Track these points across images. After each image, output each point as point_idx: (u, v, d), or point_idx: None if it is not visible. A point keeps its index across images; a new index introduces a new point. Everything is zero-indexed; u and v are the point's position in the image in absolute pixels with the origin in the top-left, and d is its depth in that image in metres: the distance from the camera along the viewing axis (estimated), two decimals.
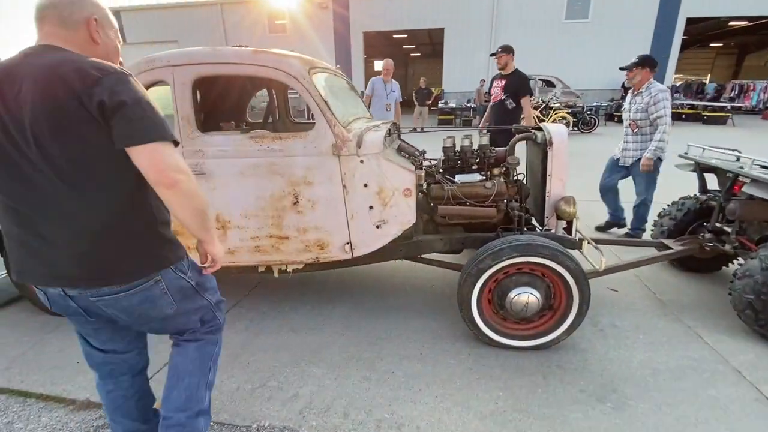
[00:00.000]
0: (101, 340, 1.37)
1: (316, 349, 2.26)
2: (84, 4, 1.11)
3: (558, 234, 2.41)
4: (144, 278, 1.17)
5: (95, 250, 1.11)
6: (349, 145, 2.20)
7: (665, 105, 3.34)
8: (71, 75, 0.99)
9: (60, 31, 1.09)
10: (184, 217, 1.14)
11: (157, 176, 1.06)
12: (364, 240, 2.39)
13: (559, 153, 2.40)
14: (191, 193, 1.12)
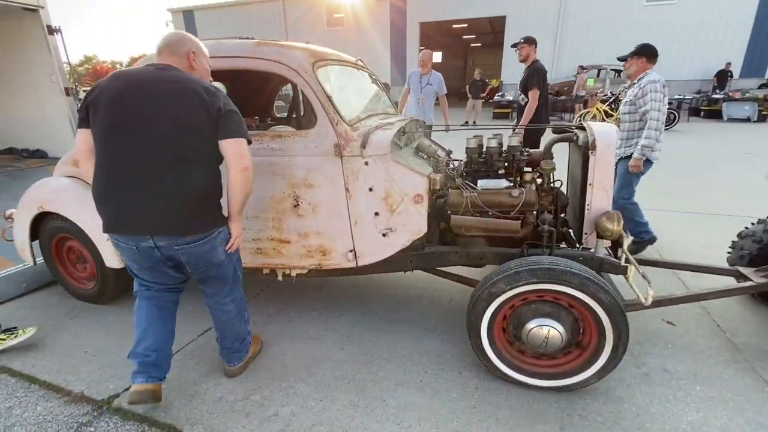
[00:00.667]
0: (152, 276, 1.76)
1: (309, 363, 2.12)
2: (185, 42, 1.66)
3: (598, 255, 2.02)
4: (212, 231, 1.64)
5: (187, 210, 1.55)
6: (352, 145, 2.00)
7: (654, 98, 2.98)
8: (200, 90, 1.53)
9: (172, 57, 1.62)
10: (237, 196, 1.63)
11: (236, 160, 1.56)
12: (370, 248, 2.19)
13: (603, 158, 2.00)
14: (250, 180, 1.63)
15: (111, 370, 2.09)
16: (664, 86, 3.05)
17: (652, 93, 3.00)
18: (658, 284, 2.77)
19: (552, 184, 2.29)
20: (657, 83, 3.01)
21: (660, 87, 3.03)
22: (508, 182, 2.26)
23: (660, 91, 3.03)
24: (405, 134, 2.30)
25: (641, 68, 3.19)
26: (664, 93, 3.05)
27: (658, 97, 2.99)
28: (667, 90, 3.13)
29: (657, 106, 3.00)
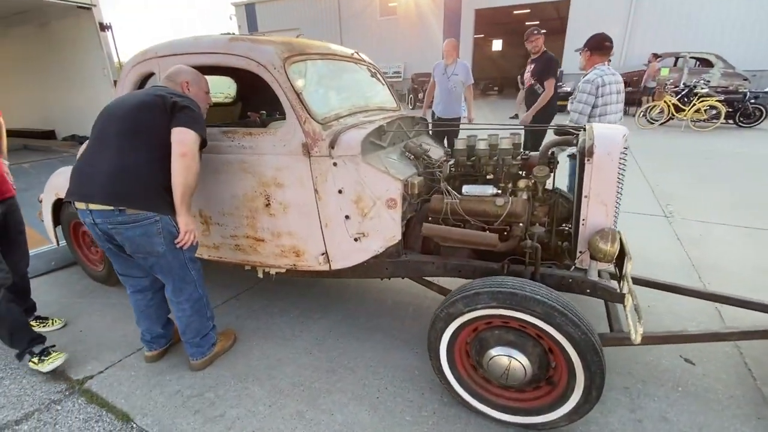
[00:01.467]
0: (121, 266, 1.94)
1: (273, 364, 2.09)
2: (181, 73, 1.90)
3: (589, 278, 1.75)
4: (146, 215, 1.67)
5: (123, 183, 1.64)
6: (320, 144, 1.91)
7: (581, 99, 2.83)
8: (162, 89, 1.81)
9: (171, 84, 1.88)
10: (176, 183, 1.65)
11: (176, 146, 1.64)
12: (341, 253, 2.10)
13: (602, 167, 1.71)
14: (189, 168, 1.66)
15: (95, 351, 2.22)
16: (600, 86, 2.79)
17: (579, 93, 2.86)
18: (687, 312, 2.38)
19: (548, 193, 2.03)
20: (589, 84, 2.82)
21: (591, 88, 2.80)
22: (496, 189, 2.03)
23: (588, 92, 2.82)
24: (386, 133, 2.14)
25: (589, 62, 2.97)
26: (597, 93, 2.81)
27: (582, 98, 2.83)
28: (615, 87, 2.85)
29: (579, 107, 2.86)
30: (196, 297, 1.93)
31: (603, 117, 2.92)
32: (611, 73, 2.87)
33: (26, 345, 2.02)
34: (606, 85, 2.81)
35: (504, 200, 1.93)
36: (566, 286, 1.81)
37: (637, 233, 3.60)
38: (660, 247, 3.32)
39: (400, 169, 2.10)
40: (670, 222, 3.86)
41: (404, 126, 2.42)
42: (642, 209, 4.23)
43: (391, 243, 2.01)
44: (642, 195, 4.71)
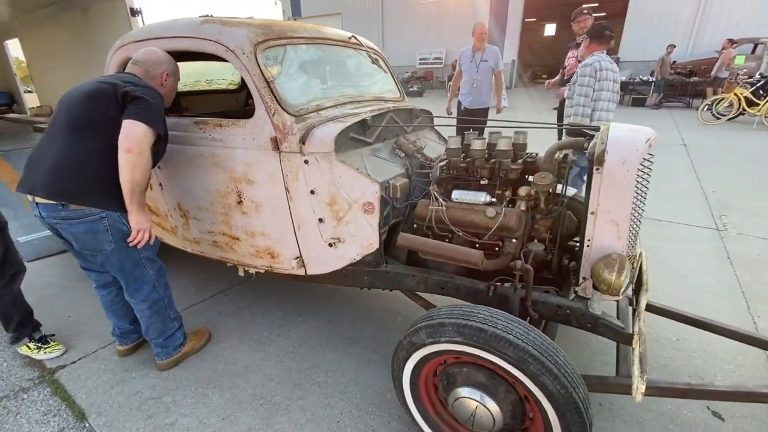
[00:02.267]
0: (81, 261, 1.89)
1: (239, 371, 1.97)
2: (162, 65, 1.78)
3: (592, 312, 1.46)
4: (90, 211, 1.58)
5: (66, 174, 1.54)
6: (290, 139, 1.72)
7: (582, 83, 2.76)
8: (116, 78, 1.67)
9: (143, 74, 1.75)
10: (123, 180, 1.53)
11: (122, 140, 1.51)
12: (316, 258, 1.93)
13: (614, 178, 1.39)
14: (135, 164, 1.52)
15: (76, 339, 2.22)
16: (598, 70, 2.73)
17: (579, 78, 2.78)
18: (725, 351, 2.00)
19: (556, 204, 1.72)
20: (587, 67, 2.74)
21: (590, 71, 2.75)
22: (489, 197, 1.75)
23: (588, 75, 2.74)
24: (371, 128, 1.92)
25: (588, 50, 2.90)
26: (597, 77, 2.74)
27: (583, 82, 2.76)
28: (611, 74, 2.77)
29: (581, 91, 2.77)
30: (155, 298, 1.84)
31: (596, 102, 2.80)
32: (609, 61, 2.81)
33: (30, 330, 2.08)
34: (603, 70, 2.74)
35: (495, 211, 1.66)
36: (563, 317, 1.53)
37: (678, 248, 3.13)
38: (704, 267, 2.86)
39: (383, 169, 1.88)
40: (722, 237, 3.33)
41: (399, 119, 2.18)
42: (690, 219, 3.69)
43: (369, 251, 1.81)
44: (692, 202, 4.13)
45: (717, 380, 1.88)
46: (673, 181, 4.83)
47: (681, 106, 11.39)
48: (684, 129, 8.15)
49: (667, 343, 2.12)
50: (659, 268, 2.86)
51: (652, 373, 1.93)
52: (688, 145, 6.67)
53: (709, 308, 2.39)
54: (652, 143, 1.45)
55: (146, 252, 1.77)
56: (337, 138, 1.70)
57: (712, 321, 1.80)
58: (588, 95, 2.76)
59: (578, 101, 2.81)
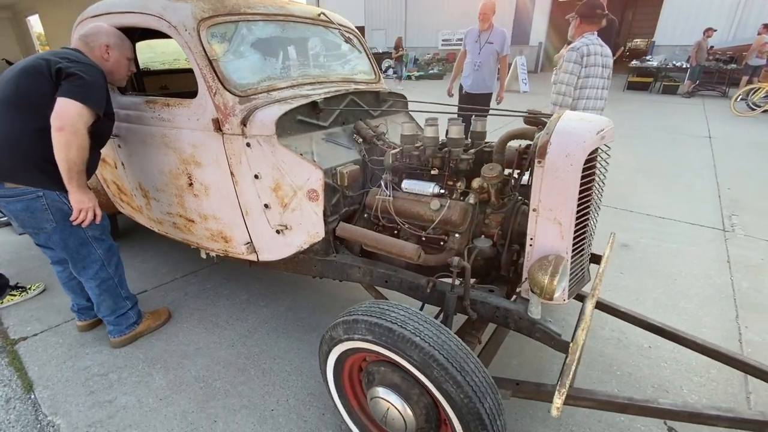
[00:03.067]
0: (34, 239, 1.85)
1: (189, 353, 1.98)
2: (100, 36, 1.71)
3: (530, 316, 1.36)
4: (26, 189, 1.58)
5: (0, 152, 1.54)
6: (231, 121, 1.66)
7: (566, 69, 2.55)
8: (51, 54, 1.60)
9: (84, 47, 1.69)
10: (58, 160, 1.51)
11: (54, 119, 1.47)
12: (265, 244, 1.89)
13: (556, 172, 1.27)
14: (68, 144, 1.49)
15: (44, 311, 2.29)
16: (585, 55, 2.51)
17: (564, 63, 2.56)
18: (699, 364, 1.86)
19: (509, 198, 1.60)
20: (574, 52, 2.52)
21: (576, 56, 2.51)
22: (439, 188, 1.65)
23: (574, 61, 2.52)
24: (324, 110, 1.83)
25: (578, 31, 2.66)
26: (583, 63, 2.51)
27: (567, 68, 2.54)
28: (600, 59, 2.54)
29: (564, 79, 2.56)
30: (104, 277, 1.85)
31: (582, 90, 2.59)
32: (599, 44, 2.56)
33: (6, 288, 2.32)
34: (591, 55, 2.51)
35: (440, 203, 1.56)
36: (501, 319, 1.43)
37: (674, 248, 2.93)
38: (698, 270, 2.66)
39: (335, 155, 1.80)
40: (727, 238, 3.09)
41: (363, 102, 2.07)
42: (695, 217, 3.45)
43: (316, 240, 1.75)
44: (703, 199, 3.86)
45: (683, 393, 1.75)
46: (687, 176, 4.52)
47: (716, 95, 10.64)
48: (713, 120, 7.60)
49: (636, 350, 1.99)
50: (647, 268, 2.68)
51: (614, 381, 1.82)
52: (713, 138, 6.22)
53: (692, 315, 2.23)
54: (606, 135, 1.31)
55: (93, 231, 1.77)
56: (281, 120, 1.62)
57: (677, 331, 1.66)
58: (571, 84, 2.56)
59: (560, 89, 2.62)
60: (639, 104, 9.50)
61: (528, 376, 1.84)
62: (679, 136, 6.31)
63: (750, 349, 1.99)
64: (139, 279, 2.62)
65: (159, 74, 3.29)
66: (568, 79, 2.53)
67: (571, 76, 2.52)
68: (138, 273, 2.69)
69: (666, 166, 4.78)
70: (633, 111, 8.60)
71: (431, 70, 16.71)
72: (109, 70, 1.73)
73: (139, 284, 2.56)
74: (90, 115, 1.55)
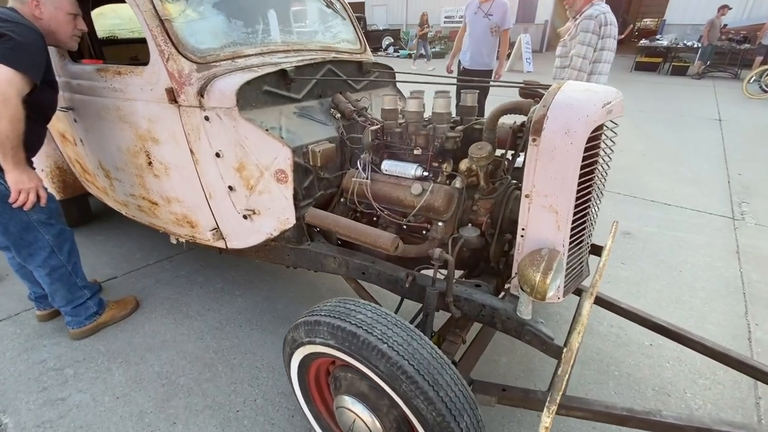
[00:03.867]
0: None
1: (154, 345, 1.84)
2: None
3: (520, 316, 1.19)
4: None
5: None
6: (187, 91, 1.46)
7: (582, 40, 2.35)
8: None
9: (18, 4, 1.49)
10: None
11: None
12: (233, 230, 1.72)
13: (553, 152, 1.08)
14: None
15: (4, 299, 2.14)
16: (603, 25, 2.32)
17: (582, 34, 2.35)
18: (705, 364, 1.71)
19: (500, 181, 1.42)
20: (591, 21, 2.32)
21: (593, 26, 2.32)
22: (422, 169, 1.47)
23: (591, 31, 2.33)
24: (294, 81, 1.62)
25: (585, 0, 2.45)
26: (600, 34, 2.33)
27: (586, 39, 2.35)
28: (614, 30, 2.37)
29: (582, 51, 2.37)
30: (54, 265, 1.69)
31: (595, 64, 2.41)
32: (610, 12, 2.38)
33: None
34: (608, 25, 2.33)
35: (422, 187, 1.38)
36: (487, 318, 1.27)
37: (680, 237, 2.76)
38: (705, 261, 2.50)
39: (309, 131, 1.61)
40: (737, 227, 2.91)
41: (343, 73, 1.87)
42: (703, 205, 3.26)
43: (286, 226, 1.58)
44: (712, 186, 3.66)
45: (686, 397, 1.61)
46: (695, 160, 4.30)
47: (727, 77, 10.25)
48: (724, 102, 7.30)
49: (636, 348, 1.84)
50: (651, 259, 2.51)
51: (611, 382, 1.67)
52: (723, 121, 5.96)
53: (697, 311, 2.07)
54: (614, 108, 1.11)
55: (38, 215, 1.59)
56: (243, 90, 1.43)
57: (683, 331, 1.51)
58: (588, 57, 2.34)
59: (576, 63, 2.39)
60: (647, 85, 9.15)
61: (517, 376, 1.70)
62: (687, 118, 6.05)
63: (759, 348, 1.84)
64: (109, 264, 2.46)
65: (129, 43, 3.06)
66: (585, 51, 2.31)
67: (589, 48, 2.30)
68: (110, 258, 2.54)
69: (673, 149, 4.56)
70: (640, 92, 8.28)
71: (433, 49, 16.18)
72: (48, 30, 1.51)
73: (108, 270, 2.41)
74: (23, 83, 1.35)
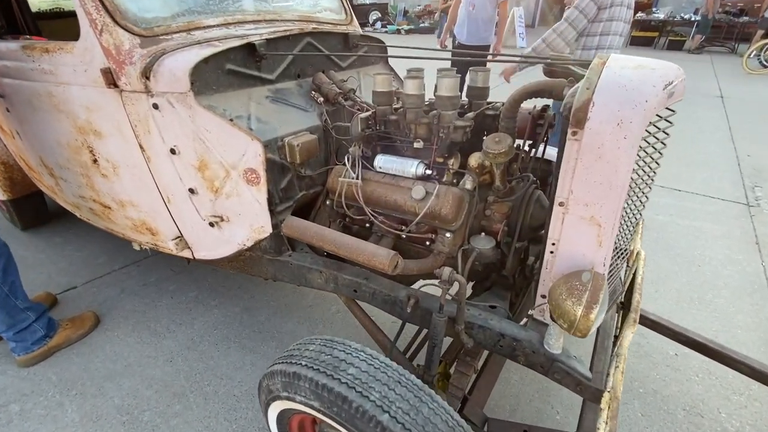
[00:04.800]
0: None
1: (114, 372, 1.59)
2: None
3: (548, 350, 0.97)
4: None
5: None
6: (128, 72, 1.17)
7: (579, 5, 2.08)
8: None
9: None
10: None
11: None
12: (199, 240, 1.46)
13: (600, 149, 0.83)
14: None
15: None
16: None
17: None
18: (738, 379, 1.53)
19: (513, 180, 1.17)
20: None
21: None
22: (424, 166, 1.21)
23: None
24: (266, 57, 1.33)
25: None
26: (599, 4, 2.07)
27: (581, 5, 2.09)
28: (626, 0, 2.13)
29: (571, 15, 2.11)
30: None
31: (602, 37, 2.13)
32: None
33: None
34: None
35: (425, 190, 1.12)
36: (506, 350, 1.05)
37: (696, 227, 2.57)
38: (724, 254, 2.31)
39: (285, 119, 1.33)
40: (753, 214, 2.73)
41: (325, 47, 1.57)
42: (715, 190, 3.07)
43: (262, 236, 1.32)
44: (721, 168, 3.46)
45: (721, 418, 1.43)
46: (701, 141, 4.10)
47: (725, 52, 10.01)
48: (724, 78, 7.09)
49: (661, 359, 1.66)
50: (667, 252, 2.32)
51: (636, 402, 1.49)
52: (725, 97, 5.76)
53: (722, 312, 1.89)
54: (676, 90, 0.86)
55: None
56: (200, 70, 1.14)
57: (720, 347, 1.31)
58: (576, 25, 2.07)
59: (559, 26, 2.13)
60: None
61: (531, 397, 1.50)
62: (688, 95, 5.82)
63: None
64: (68, 272, 2.18)
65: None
66: (575, 17, 2.03)
67: (580, 16, 2.02)
68: (68, 264, 2.25)
69: (677, 128, 4.34)
70: None
71: (422, 23, 15.57)
72: None
73: (66, 278, 2.13)
74: None
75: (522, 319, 1.21)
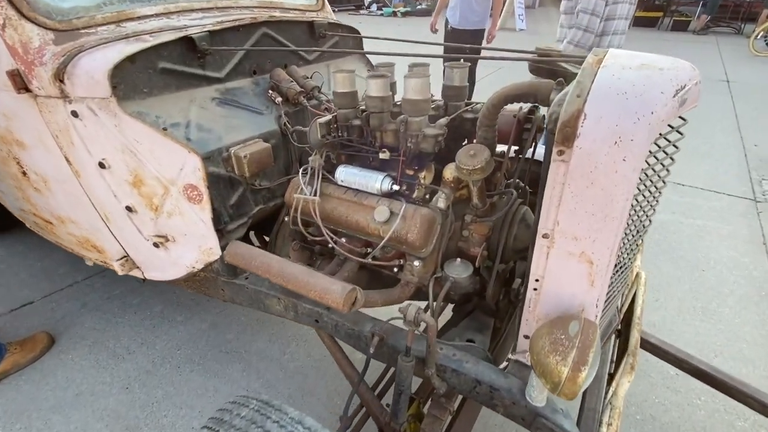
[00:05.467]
0: None
1: (64, 402, 1.46)
2: None
3: (528, 403, 0.82)
4: None
5: None
6: (38, 74, 0.99)
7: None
8: None
9: None
10: None
11: None
12: (147, 260, 1.30)
13: (592, 173, 0.66)
14: None
15: None
16: None
17: None
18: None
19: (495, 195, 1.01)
20: None
21: None
22: (390, 181, 1.04)
23: None
24: (209, 52, 1.15)
25: None
26: None
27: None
28: None
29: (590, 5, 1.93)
30: None
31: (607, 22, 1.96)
32: None
33: None
34: None
35: (390, 210, 0.96)
36: (483, 398, 0.90)
37: (699, 225, 2.41)
38: (730, 255, 2.16)
39: (229, 126, 1.16)
40: (760, 211, 2.57)
41: (286, 39, 1.38)
42: (720, 184, 2.90)
43: (210, 258, 1.17)
44: (727, 159, 3.28)
45: None
46: (706, 129, 3.91)
47: (730, 32, 9.68)
48: (730, 61, 6.82)
49: (660, 379, 1.52)
50: (668, 254, 2.17)
51: (633, 429, 1.35)
52: (731, 82, 5.52)
53: (728, 323, 1.75)
54: (689, 96, 0.69)
55: None
56: (124, 71, 0.97)
57: (728, 378, 1.17)
58: (597, 12, 1.88)
59: (582, 21, 1.93)
60: (646, 42, 8.57)
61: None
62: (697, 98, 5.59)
63: None
64: (27, 284, 2.03)
65: None
66: (594, 5, 1.83)
67: (599, 1, 1.82)
68: (28, 275, 2.10)
69: None
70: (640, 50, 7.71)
71: (419, 5, 15.11)
72: None
73: (25, 292, 1.98)
74: None
75: (505, 356, 1.06)
